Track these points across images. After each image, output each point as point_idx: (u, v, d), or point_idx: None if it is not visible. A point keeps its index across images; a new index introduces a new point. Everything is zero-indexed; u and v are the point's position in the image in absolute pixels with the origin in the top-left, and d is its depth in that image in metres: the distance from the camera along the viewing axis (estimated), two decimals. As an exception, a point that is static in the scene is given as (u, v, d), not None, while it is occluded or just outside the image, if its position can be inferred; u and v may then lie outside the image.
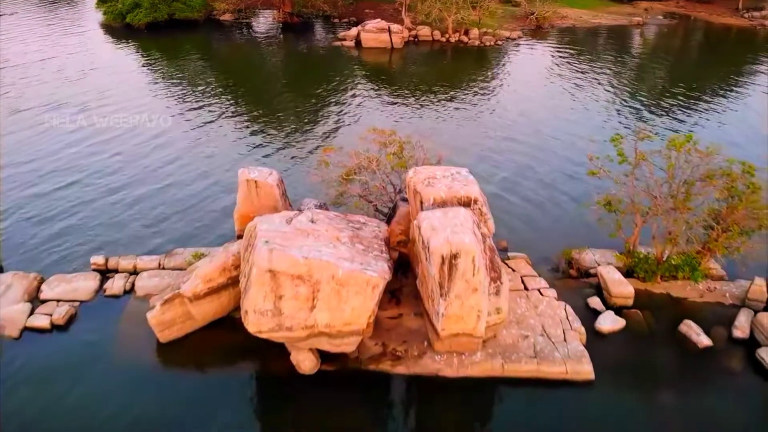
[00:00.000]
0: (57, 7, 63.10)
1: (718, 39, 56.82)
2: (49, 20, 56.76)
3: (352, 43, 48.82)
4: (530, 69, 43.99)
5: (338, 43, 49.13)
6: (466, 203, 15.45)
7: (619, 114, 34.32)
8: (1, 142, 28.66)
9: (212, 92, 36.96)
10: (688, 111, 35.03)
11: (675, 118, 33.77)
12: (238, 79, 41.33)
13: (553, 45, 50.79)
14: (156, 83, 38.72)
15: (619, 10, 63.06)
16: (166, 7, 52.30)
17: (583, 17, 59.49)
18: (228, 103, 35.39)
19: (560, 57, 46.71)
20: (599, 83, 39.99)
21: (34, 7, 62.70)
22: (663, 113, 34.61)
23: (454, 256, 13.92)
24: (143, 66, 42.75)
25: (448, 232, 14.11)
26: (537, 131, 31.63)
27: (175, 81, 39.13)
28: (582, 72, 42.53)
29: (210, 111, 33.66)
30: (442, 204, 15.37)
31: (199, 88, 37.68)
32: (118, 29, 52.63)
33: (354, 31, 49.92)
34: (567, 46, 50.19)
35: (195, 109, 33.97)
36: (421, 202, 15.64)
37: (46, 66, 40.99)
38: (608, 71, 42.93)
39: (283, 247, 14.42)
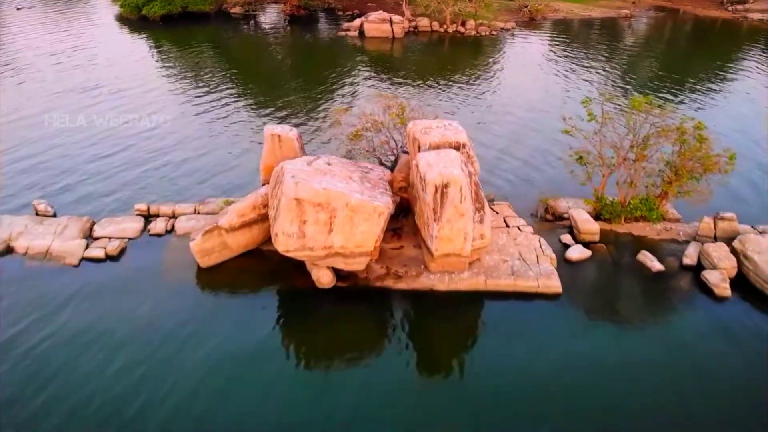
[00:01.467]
0: (71, 1, 66.16)
1: (704, 30, 59.91)
2: (67, 13, 59.89)
3: (355, 33, 52.04)
4: (524, 56, 47.16)
5: (343, 33, 52.35)
6: (456, 147, 18.61)
7: (613, 95, 37.46)
8: (47, 117, 31.85)
9: (229, 79, 39.78)
10: (674, 92, 38.17)
11: (661, 99, 36.84)
12: (251, 67, 44.52)
13: (546, 35, 54.00)
14: (176, 71, 41.67)
15: (609, 3, 66.22)
16: (180, 0, 55.51)
17: (574, 10, 62.69)
18: (244, 88, 38.36)
19: (552, 46, 49.91)
20: (589, 69, 43.21)
21: (50, 1, 65.79)
22: (649, 93, 37.72)
23: (445, 186, 17.10)
24: (163, 56, 45.83)
25: (440, 167, 17.30)
26: (529, 106, 34.89)
27: (193, 69, 42.17)
28: (573, 59, 45.72)
29: (229, 95, 36.50)
30: (436, 148, 18.53)
31: (218, 75, 40.55)
32: (134, 21, 55.78)
33: (357, 22, 53.15)
34: (559, 37, 53.39)
35: (215, 94, 36.80)
36: (419, 147, 18.80)
37: (75, 54, 44.20)
38: (598, 59, 46.14)
39: (306, 181, 17.61)
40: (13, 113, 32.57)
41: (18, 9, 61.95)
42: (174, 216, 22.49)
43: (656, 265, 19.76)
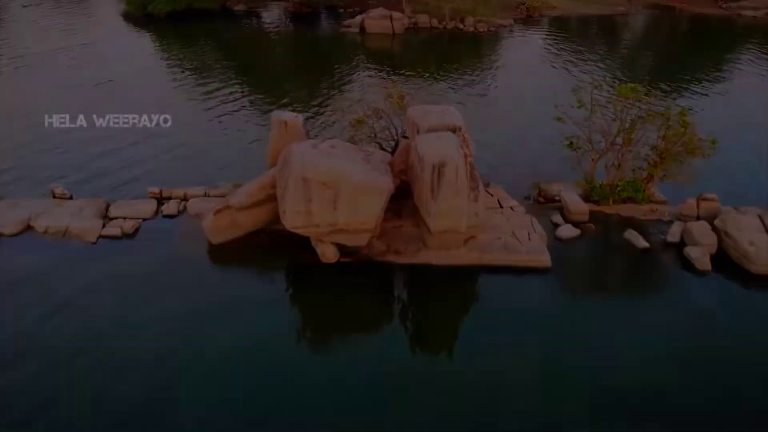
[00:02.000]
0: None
1: (699, 27, 61.08)
2: (73, 10, 61.17)
3: (357, 30, 53.30)
4: (524, 52, 48.40)
5: (344, 30, 53.62)
6: (453, 130, 19.79)
7: (603, 85, 38.69)
8: (58, 112, 32.86)
9: (236, 75, 40.88)
10: (671, 85, 39.28)
11: (659, 91, 37.99)
12: (256, 63, 45.82)
13: (544, 32, 55.27)
14: (184, 67, 42.76)
15: (606, 0, 67.29)
16: (185, -3, 56.88)
17: (571, 7, 63.91)
18: (251, 83, 39.43)
19: (550, 42, 51.18)
20: (588, 62, 44.39)
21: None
22: (645, 86, 38.87)
23: (442, 165, 18.30)
24: (170, 52, 47.03)
25: (437, 148, 18.52)
26: (530, 99, 36.00)
27: (200, 65, 43.32)
28: (572, 54, 46.87)
29: (237, 90, 37.56)
30: (434, 130, 19.72)
31: (225, 71, 41.60)
32: (140, 18, 56.95)
33: (358, 18, 54.37)
34: (556, 33, 54.68)
35: (224, 89, 37.75)
36: (418, 130, 20.00)
37: (84, 50, 45.54)
38: (596, 54, 47.25)
39: (313, 161, 18.81)
40: (26, 107, 33.68)
41: (24, 7, 63.23)
42: (185, 198, 23.67)
43: (641, 243, 20.94)
